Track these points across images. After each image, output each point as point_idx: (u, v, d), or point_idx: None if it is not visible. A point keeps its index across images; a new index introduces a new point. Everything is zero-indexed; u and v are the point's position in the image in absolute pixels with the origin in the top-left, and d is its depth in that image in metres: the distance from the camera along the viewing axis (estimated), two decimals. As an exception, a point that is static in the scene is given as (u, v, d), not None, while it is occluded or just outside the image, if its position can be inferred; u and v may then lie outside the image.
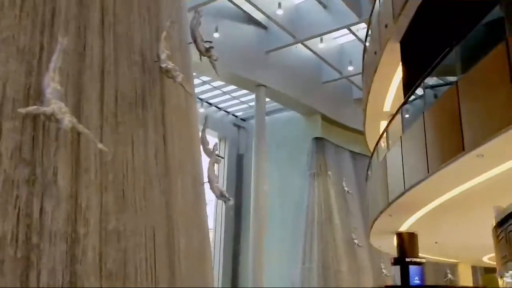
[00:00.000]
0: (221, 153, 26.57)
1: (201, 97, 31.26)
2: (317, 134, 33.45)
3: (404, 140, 11.47)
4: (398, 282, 16.68)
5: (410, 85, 12.16)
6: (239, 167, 36.89)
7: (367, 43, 18.08)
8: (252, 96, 30.36)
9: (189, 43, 7.42)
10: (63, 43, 4.60)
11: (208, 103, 33.23)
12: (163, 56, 5.91)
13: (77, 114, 5.44)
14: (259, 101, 29.27)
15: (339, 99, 33.92)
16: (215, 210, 34.97)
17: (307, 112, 33.09)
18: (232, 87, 30.95)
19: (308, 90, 31.40)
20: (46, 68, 4.62)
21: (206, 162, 11.08)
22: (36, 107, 4.43)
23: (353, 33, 26.33)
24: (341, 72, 31.10)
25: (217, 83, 30.35)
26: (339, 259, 31.90)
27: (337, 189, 33.81)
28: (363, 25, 23.88)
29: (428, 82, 10.77)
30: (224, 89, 31.90)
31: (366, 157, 30.21)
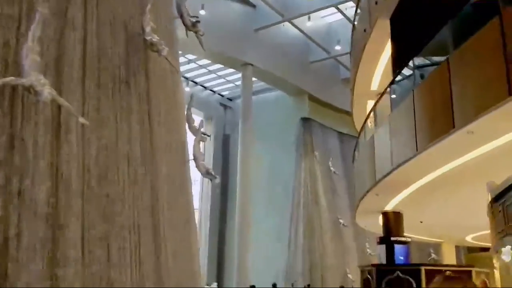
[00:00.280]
0: (207, 133, 26.35)
1: (186, 75, 30.83)
2: (304, 114, 33.30)
3: (393, 118, 11.40)
4: (383, 261, 16.79)
5: (399, 62, 12.05)
6: (225, 147, 36.70)
7: (355, 22, 17.89)
8: (239, 75, 30.02)
9: (175, 17, 7.17)
10: (43, 13, 4.36)
11: (193, 82, 32.82)
12: (147, 29, 5.64)
13: (57, 89, 5.20)
14: (245, 80, 28.96)
15: (326, 79, 33.75)
16: (201, 189, 34.84)
17: (294, 92, 32.88)
18: (219, 66, 30.56)
19: (296, 70, 31.17)
20: (25, 38, 4.38)
21: (191, 140, 10.86)
22: (14, 78, 4.20)
23: (341, 11, 26.05)
24: (329, 52, 30.88)
25: (203, 61, 29.94)
26: (324, 239, 32.10)
27: (323, 169, 33.85)
28: (351, 3, 23.63)
29: (416, 62, 10.66)
30: (210, 68, 31.49)
31: (353, 138, 30.21)
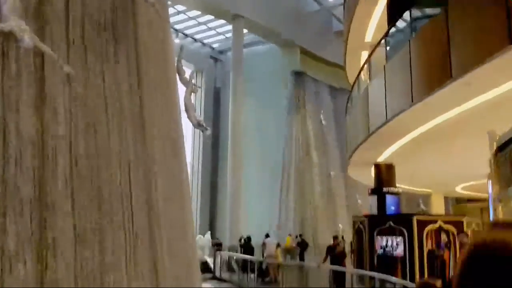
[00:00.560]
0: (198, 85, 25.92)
1: (176, 27, 30.14)
2: (296, 67, 32.94)
3: (388, 69, 11.20)
4: (374, 212, 16.98)
5: (394, 14, 11.73)
6: (216, 101, 36.40)
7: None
8: (229, 27, 29.41)
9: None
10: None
11: (183, 33, 32.12)
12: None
13: (39, 36, 4.95)
14: (236, 32, 28.38)
15: (319, 32, 33.17)
16: (192, 144, 34.81)
17: (286, 45, 32.35)
18: (209, 17, 29.85)
19: (288, 22, 30.54)
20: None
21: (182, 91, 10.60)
22: (-8, 23, 3.92)
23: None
24: (321, 3, 30.18)
25: (193, 13, 29.19)
26: (315, 191, 32.47)
27: (315, 122, 33.85)
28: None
29: (412, 15, 10.39)
30: (200, 20, 30.76)
31: (345, 92, 30.04)
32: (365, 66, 14.68)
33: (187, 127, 10.60)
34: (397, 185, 17.60)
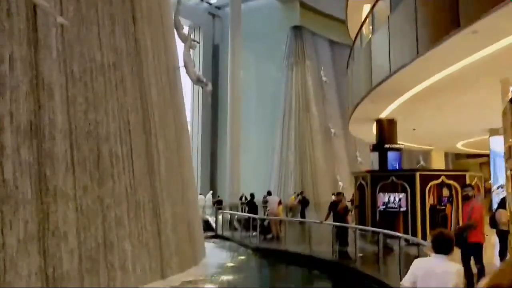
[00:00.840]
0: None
1: (172, -18, 29.31)
2: (295, 22, 32.22)
3: (392, 20, 10.83)
4: (376, 168, 16.92)
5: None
6: (214, 57, 35.79)
7: None
8: (227, -19, 28.60)
9: None
10: None
11: (180, -11, 31.27)
12: None
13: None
14: (234, -14, 27.63)
15: (318, -15, 32.30)
16: (192, 103, 34.41)
17: (285, -2, 31.57)
18: (206, -29, 28.97)
19: (286, -25, 29.67)
20: None
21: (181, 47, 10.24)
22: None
23: None
24: (321, -46, 29.25)
25: (189, -33, 28.32)
26: (315, 147, 32.38)
27: (314, 78, 33.38)
28: None
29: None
30: (197, -26, 29.90)
31: (345, 46, 29.46)
32: (368, 20, 14.25)
33: (186, 85, 10.18)
34: (398, 142, 17.48)
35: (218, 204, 22.46)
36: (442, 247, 3.54)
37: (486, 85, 10.35)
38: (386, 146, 16.61)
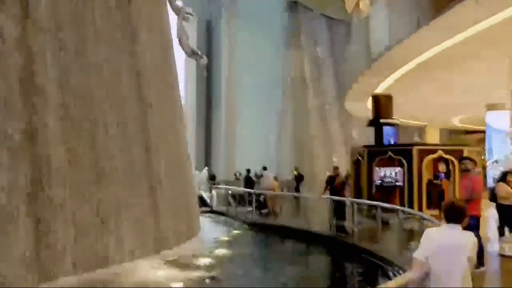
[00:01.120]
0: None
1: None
2: (291, -3, 31.88)
3: (391, -8, 10.63)
4: (372, 143, 16.83)
5: None
6: (208, 35, 35.25)
7: None
8: (221, -45, 28.03)
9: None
10: None
11: (173, -38, 30.64)
12: None
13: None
14: (228, -40, 27.09)
15: (314, -42, 31.73)
16: (186, 78, 34.00)
17: (280, -27, 31.02)
18: None
19: None
20: None
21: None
22: None
23: None
24: None
25: None
26: (311, 125, 32.28)
27: (310, 55, 33.06)
28: None
29: None
30: None
31: (342, 23, 29.14)
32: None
33: (180, 57, 9.93)
34: (394, 117, 17.38)
35: (211, 179, 22.41)
36: (455, 216, 3.47)
37: (486, 58, 10.22)
38: (382, 121, 16.51)
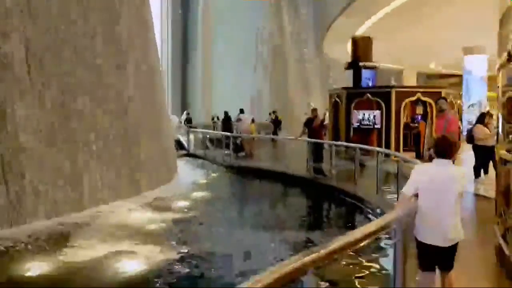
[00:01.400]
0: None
1: None
2: None
3: None
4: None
5: None
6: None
7: None
8: None
9: None
10: None
11: None
12: None
13: None
14: None
15: None
16: (161, 24, 32.97)
17: None
18: None
19: None
20: None
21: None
22: None
23: None
24: None
25: None
26: (288, 67, 31.91)
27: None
28: None
29: None
30: None
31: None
32: None
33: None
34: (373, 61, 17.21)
35: (188, 122, 22.15)
36: (445, 150, 3.30)
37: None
38: (361, 64, 16.32)
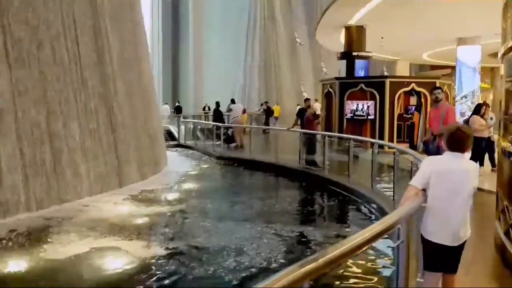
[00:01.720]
0: None
1: None
2: None
3: None
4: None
5: None
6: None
7: None
8: None
9: None
10: None
11: None
12: None
13: None
14: None
15: None
16: (151, 11, 32.55)
17: None
18: None
19: None
20: None
21: None
22: None
23: None
24: None
25: None
26: (280, 57, 31.61)
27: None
28: None
29: None
30: None
31: None
32: None
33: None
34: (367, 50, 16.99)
35: (177, 112, 21.82)
36: (459, 144, 2.93)
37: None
38: (355, 53, 16.09)
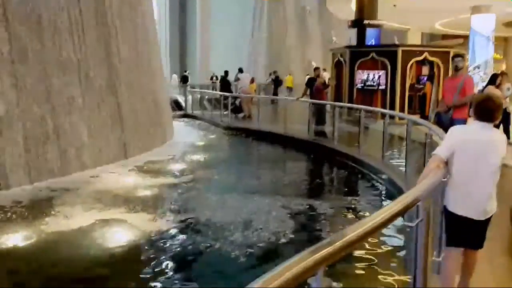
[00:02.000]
0: None
1: None
2: None
3: None
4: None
5: None
6: None
7: None
8: None
9: None
10: None
11: None
12: None
13: None
14: None
15: None
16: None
17: None
18: None
19: None
20: None
21: None
22: None
23: None
24: None
25: None
26: (288, 26, 31.07)
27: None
28: None
29: None
30: None
31: None
32: None
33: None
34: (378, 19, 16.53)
35: (183, 81, 21.54)
36: (489, 114, 2.77)
37: None
38: (366, 22, 15.64)
